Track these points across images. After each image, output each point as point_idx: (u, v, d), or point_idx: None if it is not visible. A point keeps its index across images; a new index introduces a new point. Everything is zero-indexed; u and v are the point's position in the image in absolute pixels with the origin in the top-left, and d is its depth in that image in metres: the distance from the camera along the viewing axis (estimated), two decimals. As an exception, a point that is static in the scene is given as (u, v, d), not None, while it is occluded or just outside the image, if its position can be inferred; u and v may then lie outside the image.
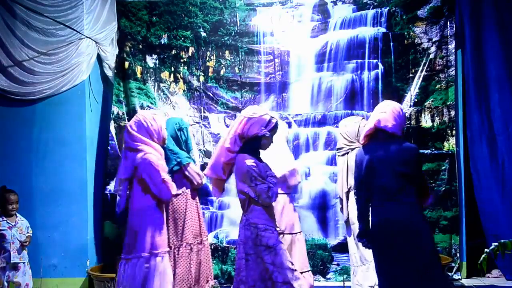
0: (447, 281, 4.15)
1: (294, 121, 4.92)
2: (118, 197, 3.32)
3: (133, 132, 3.23)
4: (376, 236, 3.00)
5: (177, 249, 3.69)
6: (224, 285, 4.69)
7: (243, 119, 3.05)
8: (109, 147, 4.85)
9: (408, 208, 2.96)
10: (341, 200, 3.85)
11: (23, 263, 3.84)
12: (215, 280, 4.62)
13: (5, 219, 3.81)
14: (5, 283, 3.70)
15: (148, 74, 4.99)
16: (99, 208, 4.77)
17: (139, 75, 4.96)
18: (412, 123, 4.80)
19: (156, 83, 4.99)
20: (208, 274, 3.86)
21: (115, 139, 4.85)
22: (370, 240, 3.05)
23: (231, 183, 4.85)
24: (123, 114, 4.90)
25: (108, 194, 4.79)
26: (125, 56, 4.93)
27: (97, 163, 4.78)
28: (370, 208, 3.02)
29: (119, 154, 4.71)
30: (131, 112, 4.82)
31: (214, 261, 4.78)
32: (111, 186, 4.76)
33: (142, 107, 4.88)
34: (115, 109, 4.88)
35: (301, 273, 3.50)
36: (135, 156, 3.19)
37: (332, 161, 4.81)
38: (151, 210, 3.21)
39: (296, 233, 3.78)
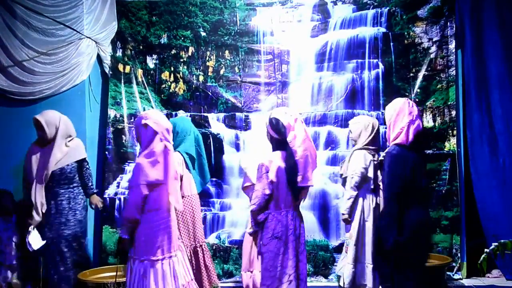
0: None
1: (294, 121, 4.90)
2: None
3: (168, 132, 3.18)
4: (415, 238, 2.99)
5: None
6: (226, 284, 4.69)
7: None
8: (106, 152, 4.84)
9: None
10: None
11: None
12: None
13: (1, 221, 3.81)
14: (2, 284, 3.70)
15: (149, 77, 4.99)
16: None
17: (140, 79, 4.95)
18: (412, 123, 4.79)
19: (156, 86, 4.99)
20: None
21: (112, 144, 4.85)
22: (404, 246, 3.01)
23: (232, 185, 4.90)
24: (120, 116, 4.89)
25: (108, 199, 4.77)
26: (126, 59, 4.93)
27: (98, 163, 4.79)
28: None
29: (112, 159, 4.82)
30: (131, 115, 4.85)
31: (216, 261, 4.80)
32: (110, 191, 4.78)
33: (144, 110, 4.86)
34: (112, 112, 4.86)
35: None
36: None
37: (332, 161, 4.80)
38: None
39: None
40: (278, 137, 3.18)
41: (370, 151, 3.76)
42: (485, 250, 2.51)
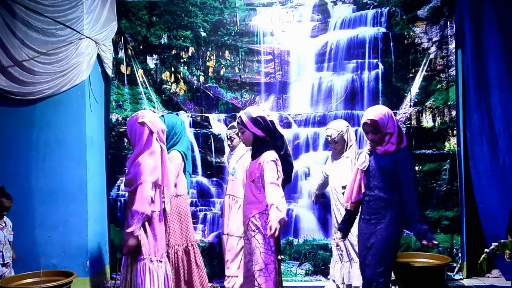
0: None
1: (294, 121, 4.92)
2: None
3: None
4: None
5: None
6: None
7: None
8: (109, 156, 4.95)
9: None
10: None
11: (11, 261, 3.89)
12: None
13: None
14: None
15: (149, 77, 5.00)
16: (99, 208, 4.81)
17: (141, 79, 4.96)
18: (413, 123, 4.80)
19: (157, 86, 4.99)
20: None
21: (114, 146, 4.95)
22: None
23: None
24: (123, 119, 4.91)
25: (111, 200, 4.92)
26: (127, 61, 4.94)
27: (98, 163, 4.80)
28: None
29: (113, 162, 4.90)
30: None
31: (215, 261, 4.80)
32: (112, 192, 4.93)
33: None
34: (113, 116, 4.92)
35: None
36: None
37: (332, 161, 4.80)
38: None
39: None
40: (264, 135, 3.07)
41: None
42: (485, 250, 2.51)
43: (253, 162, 3.10)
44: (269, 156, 3.02)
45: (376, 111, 3.17)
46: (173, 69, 5.01)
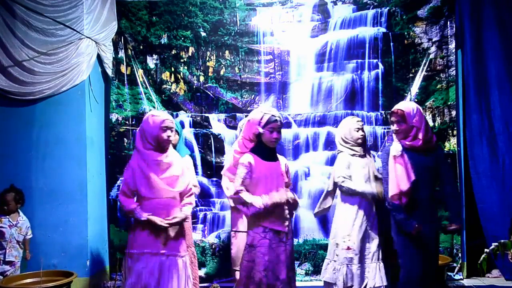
0: None
1: (294, 121, 4.92)
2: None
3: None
4: None
5: None
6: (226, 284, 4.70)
7: (246, 122, 3.27)
8: (109, 156, 4.94)
9: None
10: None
11: (18, 261, 3.88)
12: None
13: (7, 217, 3.84)
14: (1, 277, 3.73)
15: (149, 77, 5.00)
16: (99, 208, 4.81)
17: (141, 79, 4.96)
18: (412, 123, 4.80)
19: (157, 87, 4.99)
20: None
21: (113, 146, 4.94)
22: None
23: (232, 184, 4.91)
24: (122, 119, 4.91)
25: (111, 200, 4.91)
26: (127, 61, 4.94)
27: (98, 163, 4.80)
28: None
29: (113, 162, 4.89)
30: (133, 118, 4.91)
31: (215, 260, 4.80)
32: (112, 192, 4.92)
33: (145, 112, 4.87)
34: (113, 116, 4.91)
35: None
36: None
37: (331, 162, 4.79)
38: None
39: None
40: None
41: None
42: (485, 250, 2.51)
43: (275, 163, 3.11)
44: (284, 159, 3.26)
45: (405, 104, 3.36)
46: (173, 69, 5.01)
